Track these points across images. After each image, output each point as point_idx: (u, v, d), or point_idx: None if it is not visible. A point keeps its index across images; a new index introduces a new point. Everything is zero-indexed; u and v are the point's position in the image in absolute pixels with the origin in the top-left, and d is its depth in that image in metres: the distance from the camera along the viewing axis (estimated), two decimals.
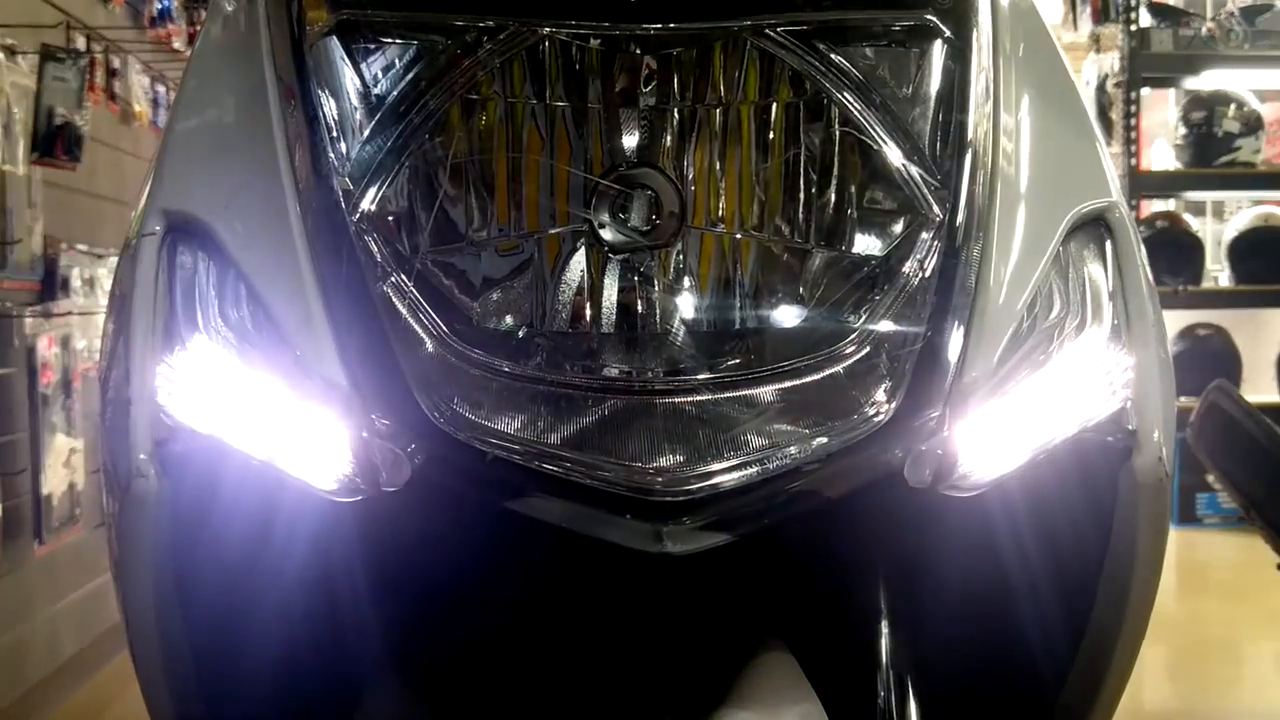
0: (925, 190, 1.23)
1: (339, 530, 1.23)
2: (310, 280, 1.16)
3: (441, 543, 1.26)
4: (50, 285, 2.84)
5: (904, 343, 1.19)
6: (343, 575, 1.27)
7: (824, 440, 1.17)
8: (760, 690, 1.24)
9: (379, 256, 1.19)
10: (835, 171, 1.27)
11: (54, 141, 2.63)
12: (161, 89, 3.63)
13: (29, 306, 2.78)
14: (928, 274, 1.20)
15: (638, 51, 1.23)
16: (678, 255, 1.24)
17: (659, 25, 1.22)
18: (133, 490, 1.18)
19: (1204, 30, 4.51)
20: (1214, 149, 4.53)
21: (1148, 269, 1.30)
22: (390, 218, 1.22)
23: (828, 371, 1.19)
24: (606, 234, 1.23)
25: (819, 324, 1.24)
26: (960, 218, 1.21)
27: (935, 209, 1.22)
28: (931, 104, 1.26)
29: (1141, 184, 4.47)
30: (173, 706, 1.24)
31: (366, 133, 1.23)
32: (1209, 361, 4.38)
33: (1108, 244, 1.28)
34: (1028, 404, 1.20)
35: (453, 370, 1.17)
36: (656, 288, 1.24)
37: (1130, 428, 1.23)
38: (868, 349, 1.20)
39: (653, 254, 1.23)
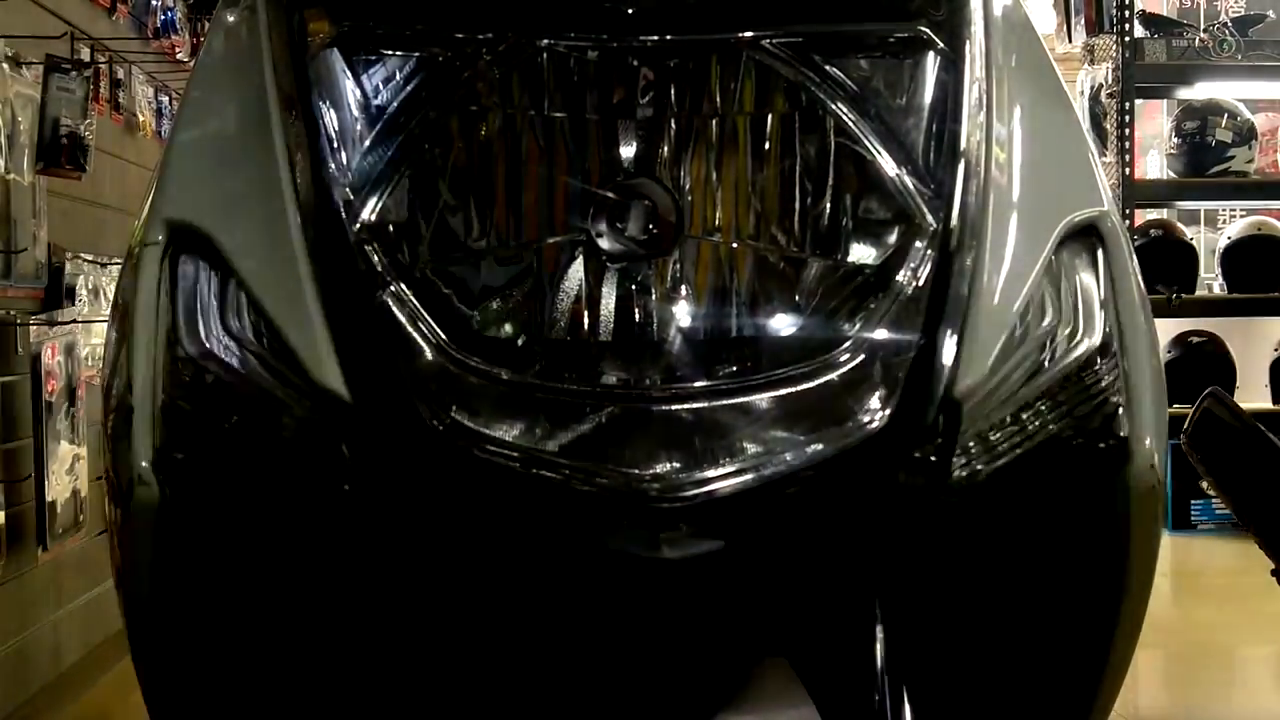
0: (919, 199, 1.24)
1: (338, 537, 1.24)
2: (310, 289, 1.17)
3: (441, 549, 1.27)
4: (54, 293, 2.85)
5: (898, 350, 1.20)
6: (342, 581, 1.28)
7: (819, 447, 1.17)
8: (756, 695, 1.25)
9: (379, 266, 1.20)
10: (830, 181, 1.28)
11: (59, 151, 2.64)
12: (165, 99, 3.65)
13: (33, 314, 2.79)
14: (921, 282, 1.21)
15: (635, 63, 1.25)
16: (674, 264, 1.25)
17: (656, 38, 1.23)
18: (135, 497, 1.19)
19: (1197, 41, 4.53)
20: (1207, 159, 4.54)
21: (1139, 277, 1.31)
22: (390, 227, 1.23)
23: (823, 379, 1.20)
24: (604, 243, 1.24)
25: (814, 332, 1.25)
26: (953, 227, 1.22)
27: (929, 218, 1.23)
28: (925, 114, 1.27)
29: (1136, 194, 4.49)
30: (176, 713, 1.25)
31: (367, 143, 1.24)
32: (1203, 368, 4.38)
33: (1099, 252, 1.29)
34: (1020, 412, 1.21)
35: (452, 378, 1.18)
36: (654, 296, 1.25)
37: (1122, 434, 1.24)
38: (862, 356, 1.21)
39: (650, 263, 1.24)
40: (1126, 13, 4.43)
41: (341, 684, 1.30)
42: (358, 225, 1.21)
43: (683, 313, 1.26)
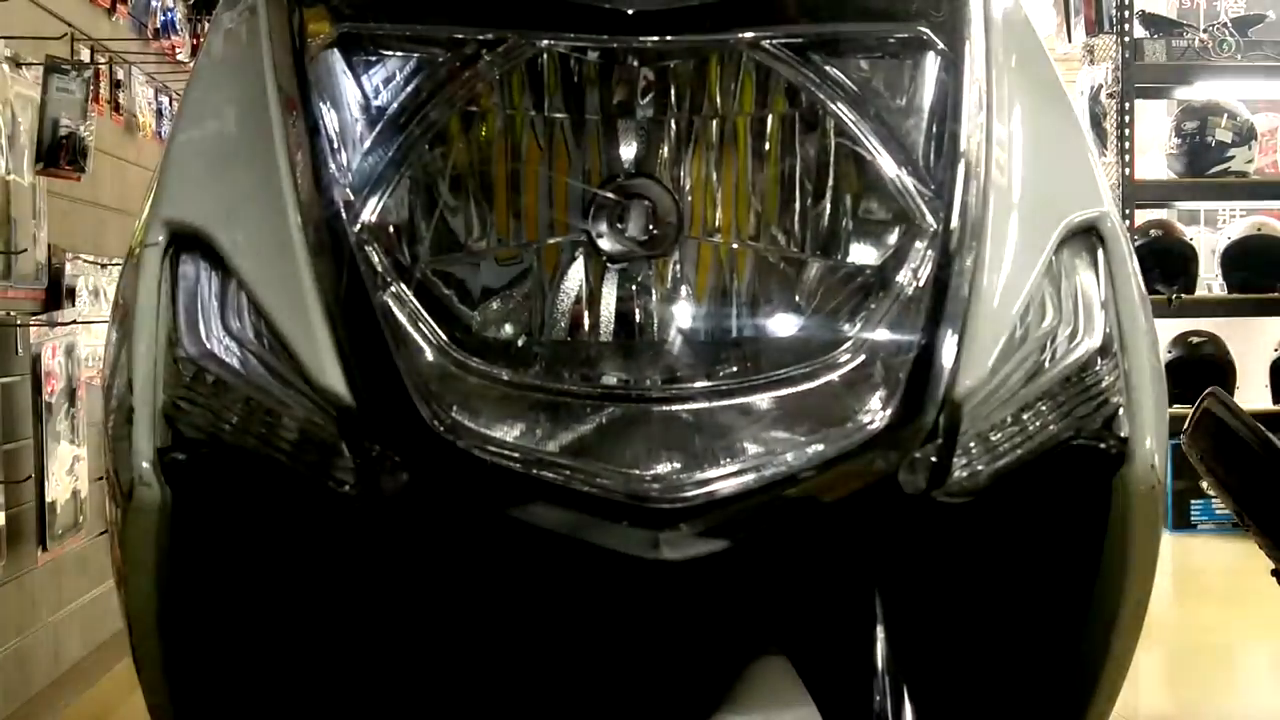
0: (919, 200, 1.24)
1: (338, 538, 1.24)
2: (311, 290, 1.18)
3: (440, 550, 1.27)
4: (55, 294, 2.86)
5: (898, 351, 1.20)
6: (343, 583, 1.28)
7: (820, 447, 1.18)
8: (757, 696, 1.25)
9: (379, 266, 1.20)
10: (830, 182, 1.28)
11: (59, 152, 2.64)
12: (165, 100, 3.65)
13: (33, 315, 2.79)
14: (921, 283, 1.22)
15: (635, 64, 1.25)
16: (675, 265, 1.25)
17: (656, 38, 1.23)
18: (135, 498, 1.20)
19: (1196, 41, 4.53)
20: (1207, 159, 4.55)
21: (1139, 278, 1.31)
22: (390, 228, 1.23)
23: (823, 379, 1.20)
24: (604, 244, 1.24)
25: (814, 332, 1.25)
26: (953, 227, 1.22)
27: (929, 219, 1.23)
28: (925, 115, 1.27)
29: (1136, 194, 4.48)
30: (175, 713, 1.25)
31: (367, 144, 1.24)
32: (1203, 369, 4.39)
33: (1100, 253, 1.29)
34: (1021, 412, 1.21)
35: (452, 378, 1.19)
36: (654, 297, 1.25)
37: (1122, 435, 1.24)
38: (863, 357, 1.21)
39: (650, 263, 1.25)
40: (1126, 13, 4.43)
41: (342, 685, 1.31)
42: (358, 226, 1.21)
43: (683, 313, 1.26)
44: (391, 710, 1.30)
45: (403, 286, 1.20)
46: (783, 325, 1.27)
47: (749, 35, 1.24)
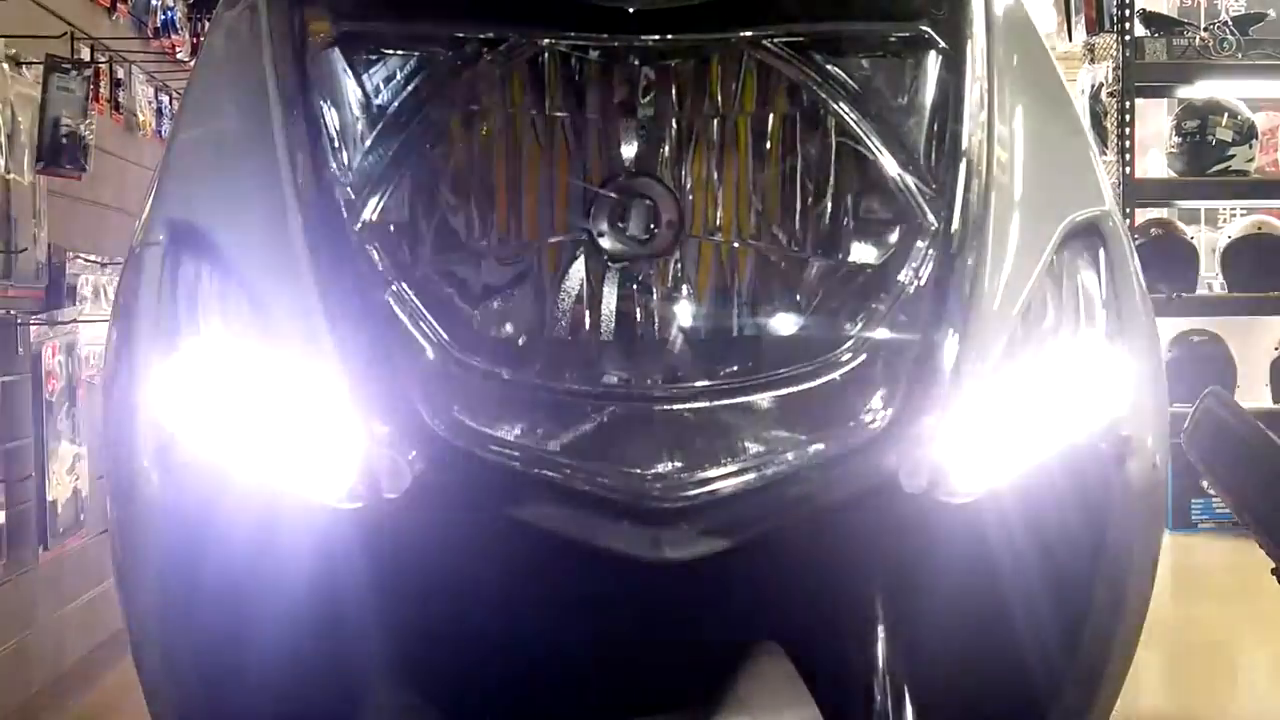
0: (920, 199, 1.24)
1: (340, 537, 1.24)
2: (312, 289, 1.18)
3: (442, 549, 1.27)
4: (55, 293, 2.86)
5: (900, 350, 1.20)
6: (344, 581, 1.28)
7: (821, 447, 1.18)
8: (758, 695, 1.25)
9: (380, 265, 1.20)
10: (831, 181, 1.28)
11: (59, 151, 2.64)
12: (165, 99, 3.65)
13: (34, 314, 2.79)
14: (923, 282, 1.22)
15: (636, 63, 1.25)
16: (676, 264, 1.26)
17: (657, 37, 1.23)
18: (136, 497, 1.20)
19: (1197, 40, 4.52)
20: (1207, 158, 4.54)
21: (1140, 276, 1.31)
22: (391, 227, 1.23)
23: (825, 378, 1.20)
24: (605, 243, 1.24)
25: (816, 331, 1.25)
26: (955, 226, 1.22)
27: (930, 218, 1.23)
28: (926, 114, 1.27)
29: (1136, 193, 4.48)
30: (175, 711, 1.25)
31: (368, 143, 1.24)
32: (1203, 367, 4.38)
33: (1101, 252, 1.29)
34: (1022, 411, 1.21)
35: (453, 378, 1.18)
36: (655, 296, 1.25)
37: (1124, 434, 1.24)
38: (864, 356, 1.21)
39: (651, 262, 1.25)
40: (1127, 11, 4.42)
41: (342, 683, 1.31)
42: (359, 225, 1.21)
43: (684, 312, 1.26)
44: (393, 708, 1.30)
45: (404, 286, 1.20)
46: (784, 324, 1.27)
47: (750, 34, 1.24)
